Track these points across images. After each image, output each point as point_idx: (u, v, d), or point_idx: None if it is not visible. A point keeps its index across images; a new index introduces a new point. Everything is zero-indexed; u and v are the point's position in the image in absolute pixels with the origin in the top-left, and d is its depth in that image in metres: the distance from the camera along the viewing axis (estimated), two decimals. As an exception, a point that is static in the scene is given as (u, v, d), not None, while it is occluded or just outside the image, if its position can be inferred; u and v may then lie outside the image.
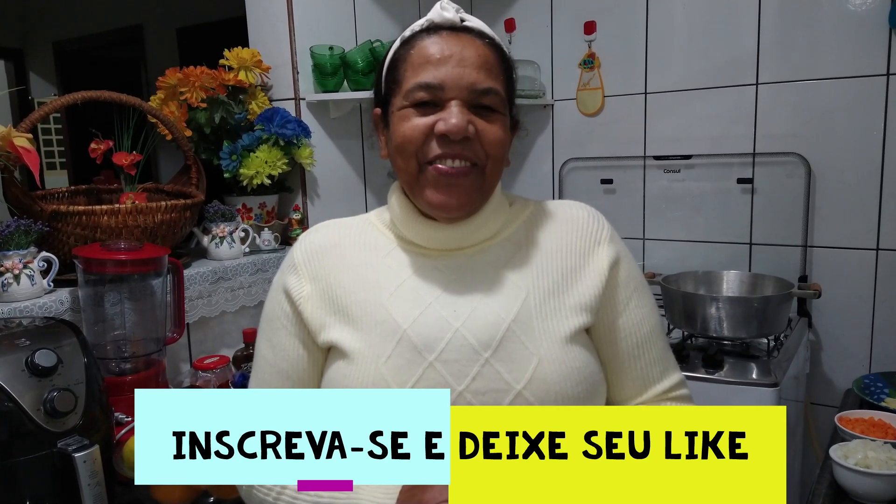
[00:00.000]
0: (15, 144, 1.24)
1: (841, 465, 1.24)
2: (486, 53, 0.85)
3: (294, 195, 1.91)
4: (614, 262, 0.90)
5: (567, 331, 0.85)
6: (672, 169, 2.19)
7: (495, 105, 0.85)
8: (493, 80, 0.85)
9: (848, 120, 1.92)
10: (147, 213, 1.42)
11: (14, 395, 0.98)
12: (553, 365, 0.82)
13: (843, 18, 1.89)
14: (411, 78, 0.84)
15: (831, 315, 2.01)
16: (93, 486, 0.98)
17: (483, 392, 0.80)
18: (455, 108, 0.82)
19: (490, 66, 0.85)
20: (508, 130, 0.89)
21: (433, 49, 0.84)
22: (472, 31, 0.87)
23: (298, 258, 0.92)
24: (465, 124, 0.82)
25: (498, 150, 0.85)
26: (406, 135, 0.84)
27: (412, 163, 0.85)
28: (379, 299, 0.86)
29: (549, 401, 0.80)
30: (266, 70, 1.83)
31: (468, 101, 0.83)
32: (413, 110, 0.84)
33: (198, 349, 1.63)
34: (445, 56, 0.83)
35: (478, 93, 0.83)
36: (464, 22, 0.88)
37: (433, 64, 0.83)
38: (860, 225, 1.94)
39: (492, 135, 0.84)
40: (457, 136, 0.82)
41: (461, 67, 0.83)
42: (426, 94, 0.83)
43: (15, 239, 1.26)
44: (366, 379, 0.82)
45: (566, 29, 2.31)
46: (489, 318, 0.84)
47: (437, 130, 0.82)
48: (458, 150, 0.83)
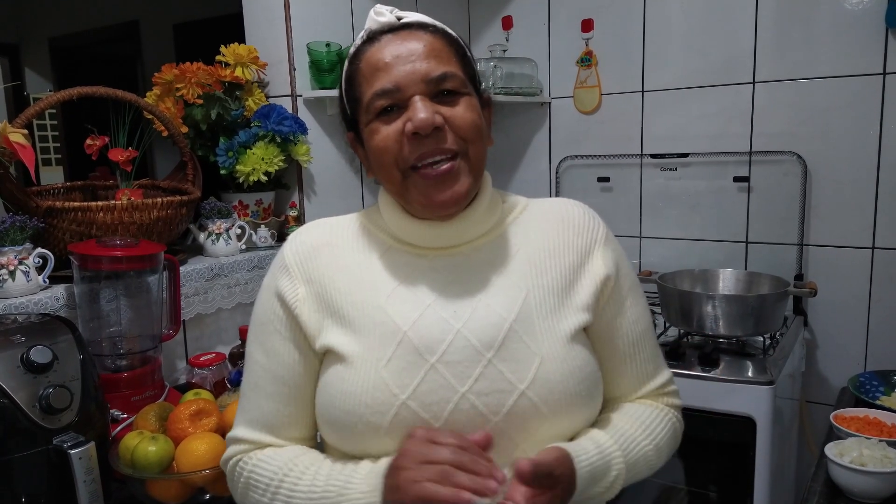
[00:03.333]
0: (10, 140, 1.23)
1: (836, 463, 1.25)
2: (432, 41, 0.85)
3: (291, 192, 1.91)
4: (612, 261, 0.91)
5: (568, 329, 0.85)
6: (669, 167, 2.19)
7: (456, 87, 0.84)
8: (445, 64, 0.84)
9: (844, 119, 1.93)
10: (143, 210, 1.42)
11: (9, 392, 0.98)
12: (555, 364, 0.82)
13: (839, 17, 1.89)
14: (368, 90, 0.84)
15: (827, 313, 2.02)
16: (88, 482, 0.98)
17: (486, 393, 0.80)
18: (419, 103, 0.81)
19: (438, 51, 0.84)
20: (479, 109, 0.87)
21: (379, 55, 0.84)
22: (412, 26, 0.86)
23: (290, 259, 0.90)
24: (431, 116, 0.81)
25: (473, 132, 0.84)
26: (379, 146, 0.83)
27: (394, 172, 0.84)
28: (376, 301, 0.85)
29: (552, 400, 0.80)
30: (262, 66, 1.83)
31: (428, 93, 0.82)
32: (378, 121, 0.84)
33: (194, 346, 1.63)
34: (393, 57, 0.83)
35: (434, 81, 0.82)
36: (401, 20, 0.87)
37: (383, 70, 0.83)
38: (856, 223, 1.95)
39: (461, 118, 0.83)
40: (426, 129, 0.81)
41: (410, 63, 0.82)
42: (385, 100, 0.82)
43: (10, 235, 1.26)
44: (366, 383, 0.80)
45: (563, 27, 2.31)
46: (490, 319, 0.83)
47: (407, 130, 0.81)
48: (434, 145, 0.82)
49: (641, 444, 0.88)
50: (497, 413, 0.79)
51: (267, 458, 0.86)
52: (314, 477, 0.81)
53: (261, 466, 0.85)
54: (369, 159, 0.88)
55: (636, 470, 0.87)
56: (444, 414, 0.79)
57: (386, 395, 0.79)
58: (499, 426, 0.79)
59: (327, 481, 0.80)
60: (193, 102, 1.68)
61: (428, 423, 0.79)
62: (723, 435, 1.63)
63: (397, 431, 0.79)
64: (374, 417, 0.79)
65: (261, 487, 0.84)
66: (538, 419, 0.80)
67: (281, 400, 0.88)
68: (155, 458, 1.08)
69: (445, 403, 0.79)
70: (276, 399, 0.88)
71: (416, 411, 0.79)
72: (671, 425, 0.93)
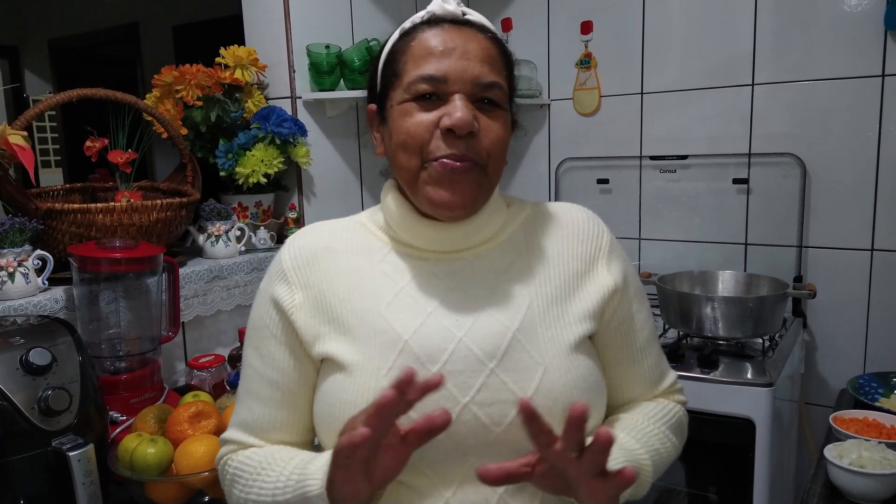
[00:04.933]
0: (10, 142, 1.24)
1: (835, 465, 1.24)
2: (489, 47, 0.84)
3: (290, 194, 1.91)
4: (619, 271, 0.90)
5: (572, 339, 0.83)
6: (668, 169, 2.19)
7: (499, 100, 0.83)
8: (496, 74, 0.83)
9: (843, 121, 1.93)
10: (142, 212, 1.42)
11: (8, 394, 0.98)
12: (559, 374, 0.80)
13: (838, 19, 1.89)
14: (413, 70, 0.82)
15: (826, 315, 2.02)
16: (87, 485, 0.98)
17: (489, 403, 0.78)
18: (459, 101, 0.79)
19: (493, 60, 0.83)
20: (509, 128, 0.86)
21: (435, 41, 0.82)
22: (474, 25, 0.85)
23: (287, 264, 0.88)
24: (470, 118, 0.79)
25: (499, 148, 0.83)
26: (410, 131, 0.81)
27: (415, 160, 0.82)
28: (376, 308, 0.83)
29: (555, 410, 0.79)
30: (262, 68, 1.83)
31: (471, 95, 0.81)
32: (415, 104, 0.81)
33: (193, 348, 1.63)
34: (448, 48, 0.81)
35: (482, 86, 0.81)
36: (465, 15, 0.86)
37: (436, 56, 0.81)
38: (855, 225, 1.95)
39: (494, 132, 0.82)
40: (463, 130, 0.79)
41: (465, 60, 0.81)
42: (429, 86, 0.80)
43: (9, 237, 1.26)
44: (366, 392, 0.79)
45: (563, 29, 2.31)
46: (493, 328, 0.81)
47: (443, 125, 0.79)
48: (463, 149, 0.80)
49: (662, 441, 0.88)
50: (499, 424, 0.78)
51: (250, 453, 0.86)
52: (285, 464, 0.81)
53: (244, 462, 0.85)
54: (390, 138, 0.85)
55: (658, 468, 0.87)
56: None
57: None
58: (501, 437, 0.78)
59: (295, 466, 0.79)
60: (193, 104, 1.68)
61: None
62: (722, 437, 1.63)
63: None
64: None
65: (241, 482, 0.84)
66: None
67: (274, 405, 0.87)
68: (154, 461, 1.08)
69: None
70: (268, 404, 0.87)
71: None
72: (681, 421, 0.94)
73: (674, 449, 0.91)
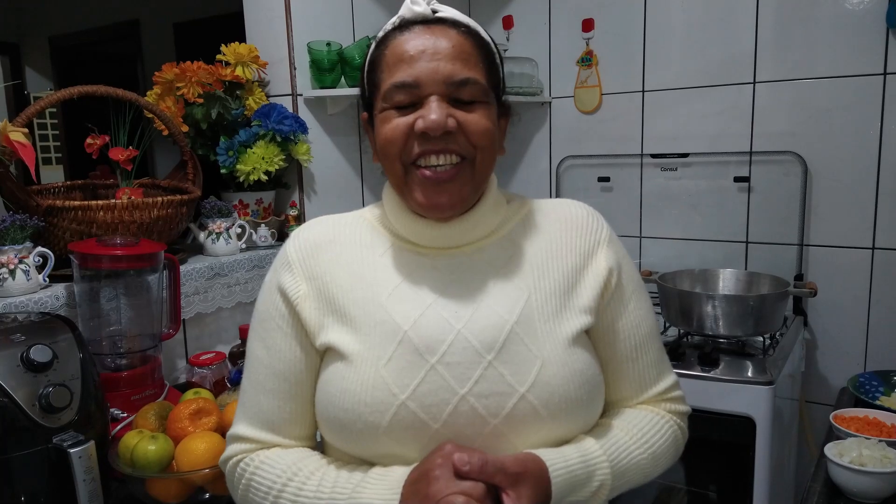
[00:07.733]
0: (10, 139, 1.23)
1: (836, 463, 1.25)
2: (462, 42, 0.83)
3: (291, 191, 1.91)
4: (615, 263, 0.90)
5: (570, 332, 0.84)
6: (669, 167, 2.19)
7: (475, 96, 0.83)
8: (470, 69, 0.82)
9: (845, 119, 1.93)
10: (143, 209, 1.42)
11: (9, 391, 0.98)
12: (556, 367, 0.81)
13: (840, 17, 1.89)
14: (387, 79, 0.83)
15: (827, 313, 2.01)
16: (88, 481, 0.98)
17: (486, 395, 0.79)
18: (433, 103, 0.80)
19: (466, 55, 0.83)
20: (495, 118, 0.86)
21: (406, 46, 0.82)
22: (446, 22, 0.85)
23: (293, 256, 0.89)
24: (443, 119, 0.80)
25: (485, 140, 0.83)
26: (387, 136, 0.83)
27: (397, 165, 0.83)
28: (377, 299, 0.84)
29: (552, 404, 0.80)
30: (263, 66, 1.83)
31: (446, 95, 0.81)
32: (394, 111, 0.83)
33: (194, 345, 1.63)
34: (419, 52, 0.81)
35: (455, 85, 0.81)
36: (436, 13, 0.85)
37: (406, 62, 0.81)
38: (856, 224, 1.95)
39: (475, 125, 0.82)
40: (436, 132, 0.80)
41: (435, 61, 0.81)
42: (403, 93, 0.81)
43: (10, 234, 1.26)
44: (366, 381, 0.80)
45: (564, 26, 2.30)
46: (491, 320, 0.82)
47: (417, 128, 0.80)
48: (442, 145, 0.81)
49: (634, 452, 0.86)
50: (496, 416, 0.79)
51: (270, 460, 0.85)
52: (320, 481, 0.81)
53: (263, 469, 0.84)
54: (376, 145, 0.87)
55: (626, 478, 0.85)
56: (443, 415, 0.78)
57: (385, 394, 0.79)
58: (497, 429, 0.79)
59: (334, 487, 0.80)
60: (194, 101, 1.68)
61: (427, 424, 0.78)
62: (722, 435, 1.63)
63: (396, 432, 0.79)
64: (373, 417, 0.79)
65: (262, 491, 0.83)
66: (537, 423, 0.80)
67: (281, 396, 0.87)
68: (154, 458, 1.08)
69: (445, 405, 0.78)
70: (276, 395, 0.87)
71: (415, 412, 0.78)
72: (671, 433, 0.92)
73: (653, 470, 0.89)
